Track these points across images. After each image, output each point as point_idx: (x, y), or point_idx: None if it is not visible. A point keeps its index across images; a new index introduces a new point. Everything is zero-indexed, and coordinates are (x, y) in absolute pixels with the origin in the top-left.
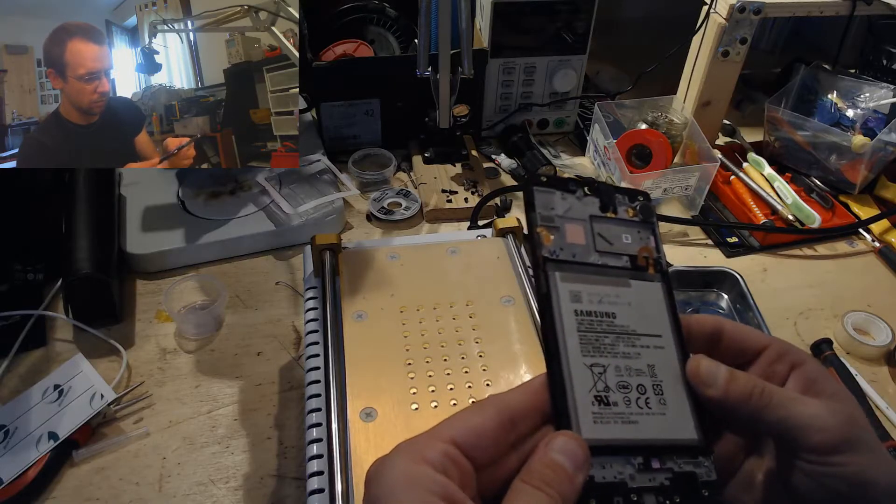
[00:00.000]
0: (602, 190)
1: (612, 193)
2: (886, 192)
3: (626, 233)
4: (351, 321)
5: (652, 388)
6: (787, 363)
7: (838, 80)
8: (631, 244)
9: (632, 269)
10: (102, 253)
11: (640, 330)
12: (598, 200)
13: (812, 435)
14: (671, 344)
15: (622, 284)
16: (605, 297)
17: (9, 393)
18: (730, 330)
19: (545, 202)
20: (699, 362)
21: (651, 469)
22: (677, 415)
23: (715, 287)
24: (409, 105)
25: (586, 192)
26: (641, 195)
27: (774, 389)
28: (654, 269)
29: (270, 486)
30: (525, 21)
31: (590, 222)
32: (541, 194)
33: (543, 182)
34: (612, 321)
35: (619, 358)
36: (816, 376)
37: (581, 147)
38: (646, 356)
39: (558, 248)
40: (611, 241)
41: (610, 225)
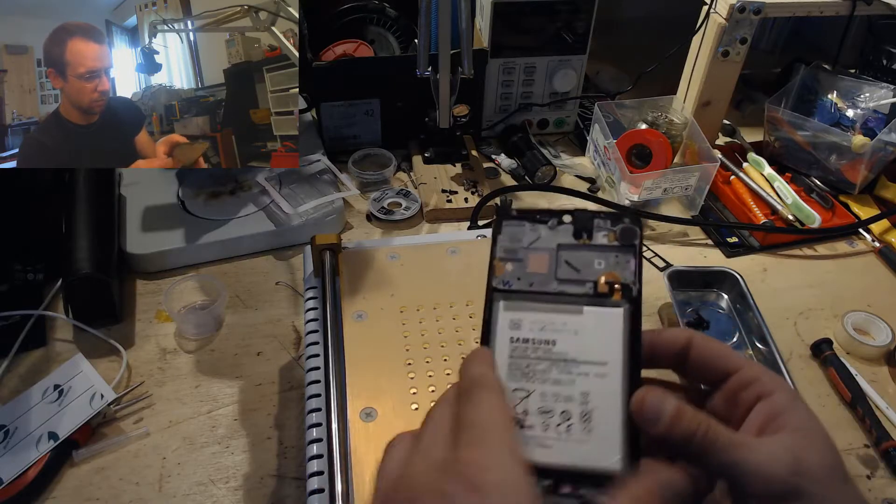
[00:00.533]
0: (577, 217)
1: (590, 220)
2: (886, 192)
3: (600, 258)
4: (351, 321)
5: (580, 415)
6: (754, 392)
7: (838, 80)
8: (603, 269)
9: (592, 296)
10: (102, 253)
11: (581, 357)
12: (573, 228)
13: (755, 483)
14: (617, 371)
15: (573, 312)
16: (548, 325)
17: (9, 393)
18: (699, 347)
19: (512, 234)
20: (644, 396)
21: (559, 493)
22: (602, 443)
23: (715, 287)
24: (409, 105)
25: (562, 220)
26: (627, 218)
27: (720, 432)
28: (619, 295)
29: (270, 486)
30: (525, 21)
31: (556, 251)
32: (509, 227)
33: (513, 216)
34: (551, 348)
35: (549, 384)
36: (783, 409)
37: (581, 147)
38: (581, 383)
39: (514, 279)
40: (579, 268)
41: (582, 252)
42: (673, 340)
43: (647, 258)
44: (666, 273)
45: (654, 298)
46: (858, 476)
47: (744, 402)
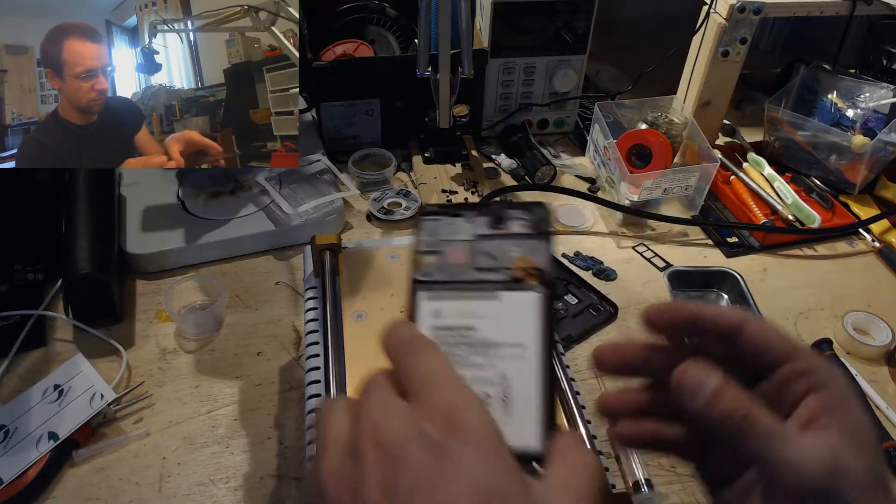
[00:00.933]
0: (493, 208)
1: (504, 210)
2: (886, 192)
3: (515, 247)
4: (351, 321)
5: (500, 397)
6: (806, 384)
7: (838, 80)
8: (517, 257)
9: (508, 282)
10: (102, 253)
11: (500, 340)
12: (489, 219)
13: (787, 476)
14: (532, 353)
15: (491, 298)
16: (468, 312)
17: (9, 393)
18: (752, 331)
19: (431, 230)
20: (687, 368)
21: None
22: (521, 423)
23: (715, 287)
24: (409, 105)
25: (478, 212)
26: (539, 207)
27: (761, 417)
28: (534, 280)
29: (270, 486)
30: (525, 21)
31: (474, 242)
32: (428, 223)
33: (432, 212)
34: (471, 334)
35: (470, 369)
36: (833, 406)
37: (581, 147)
38: (501, 366)
39: (435, 270)
40: (495, 256)
41: (497, 241)
42: (722, 319)
43: (647, 258)
44: (666, 273)
45: (654, 298)
46: None
47: (793, 393)
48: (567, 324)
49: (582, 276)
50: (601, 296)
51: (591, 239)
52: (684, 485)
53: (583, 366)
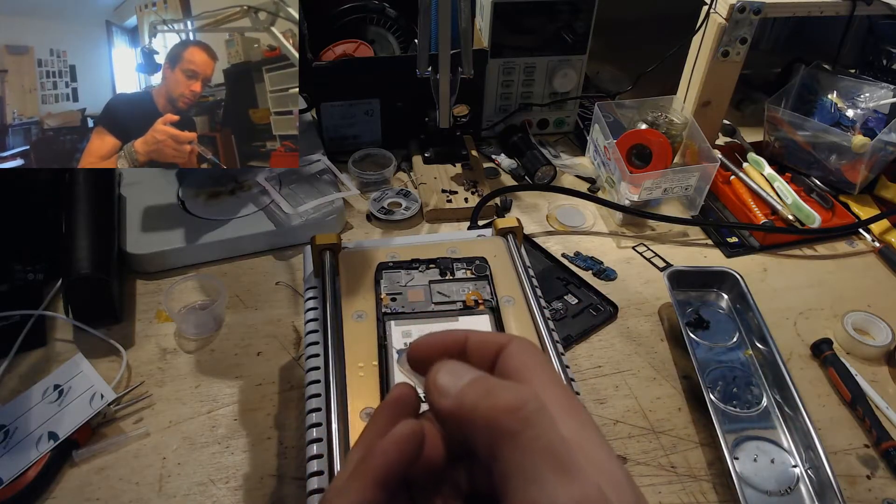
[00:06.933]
0: (440, 263)
1: (451, 263)
2: (886, 192)
3: (463, 286)
4: (351, 321)
5: None
6: (491, 351)
7: (838, 80)
8: (465, 292)
9: (463, 309)
10: (102, 253)
11: None
12: (439, 269)
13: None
14: None
15: (451, 320)
16: (433, 331)
17: (9, 393)
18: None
19: (392, 278)
20: (438, 369)
21: None
22: None
23: (715, 287)
24: (409, 105)
25: (429, 266)
26: (478, 260)
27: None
28: (483, 306)
29: (270, 486)
30: (525, 21)
31: (429, 286)
32: (388, 273)
33: (390, 266)
34: None
35: None
36: (516, 364)
37: (581, 147)
38: None
39: (399, 307)
40: (448, 294)
41: (448, 284)
42: (487, 346)
43: (647, 258)
44: (666, 273)
45: (654, 299)
46: (858, 476)
47: (486, 359)
48: (567, 324)
49: (582, 276)
50: (601, 296)
51: (591, 239)
52: (684, 485)
53: (583, 366)
